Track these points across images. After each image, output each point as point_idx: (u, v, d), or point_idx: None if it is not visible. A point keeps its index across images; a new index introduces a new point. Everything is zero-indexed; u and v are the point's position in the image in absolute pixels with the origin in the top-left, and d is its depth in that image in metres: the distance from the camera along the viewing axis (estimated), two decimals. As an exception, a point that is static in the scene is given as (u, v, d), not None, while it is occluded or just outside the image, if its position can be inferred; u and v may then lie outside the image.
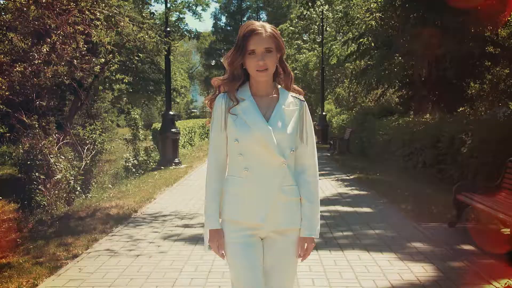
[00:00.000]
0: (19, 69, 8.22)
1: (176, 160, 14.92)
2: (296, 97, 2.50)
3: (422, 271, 4.88)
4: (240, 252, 2.42)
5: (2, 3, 9.21)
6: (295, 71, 28.43)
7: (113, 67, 9.71)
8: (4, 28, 8.38)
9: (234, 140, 2.42)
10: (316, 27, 29.39)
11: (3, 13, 9.04)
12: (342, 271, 4.89)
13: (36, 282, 4.60)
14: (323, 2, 23.91)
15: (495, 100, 17.63)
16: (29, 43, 8.46)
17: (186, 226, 7.06)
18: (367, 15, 16.60)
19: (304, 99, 2.53)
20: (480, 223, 6.80)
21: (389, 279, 4.63)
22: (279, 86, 2.50)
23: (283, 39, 2.52)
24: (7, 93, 8.07)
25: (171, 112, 15.16)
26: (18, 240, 6.39)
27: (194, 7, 18.82)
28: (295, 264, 2.52)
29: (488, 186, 6.53)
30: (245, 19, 55.71)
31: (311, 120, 2.54)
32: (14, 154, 13.90)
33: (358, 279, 4.65)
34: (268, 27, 2.42)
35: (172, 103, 17.73)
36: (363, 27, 17.36)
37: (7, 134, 15.06)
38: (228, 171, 2.51)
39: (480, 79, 16.52)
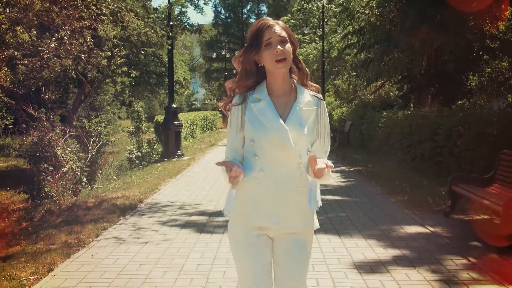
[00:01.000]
0: (24, 62, 8.45)
1: (179, 152, 15.19)
2: (314, 95, 2.44)
3: (415, 255, 5.14)
4: (247, 250, 2.41)
5: None
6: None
7: (120, 61, 9.92)
8: (12, 22, 8.58)
9: (250, 141, 2.37)
10: (316, 20, 29.53)
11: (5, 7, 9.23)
12: (341, 257, 5.15)
13: (51, 267, 4.86)
14: None
15: (493, 93, 17.88)
16: (34, 37, 8.68)
17: (190, 215, 7.31)
18: (366, 11, 16.79)
19: (322, 98, 2.47)
20: (474, 213, 7.05)
21: (385, 265, 4.89)
22: (297, 84, 2.44)
23: None
24: (10, 86, 8.31)
25: (173, 105, 15.41)
26: (29, 228, 6.66)
27: (196, 1, 19.03)
28: (306, 262, 2.48)
29: (482, 178, 6.77)
30: (245, 11, 55.78)
31: (328, 119, 2.48)
32: (18, 146, 14.17)
33: (355, 264, 4.91)
34: (281, 22, 2.39)
35: (175, 95, 17.94)
36: (362, 23, 17.54)
37: (10, 126, 15.31)
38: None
39: (479, 72, 16.74)
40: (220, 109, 2.62)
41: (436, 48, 14.35)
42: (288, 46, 2.33)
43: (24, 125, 10.32)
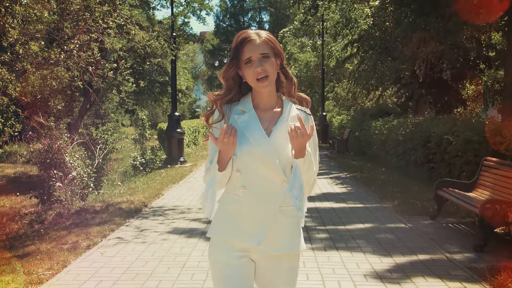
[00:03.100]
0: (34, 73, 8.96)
1: (182, 159, 15.67)
2: (301, 110, 2.32)
3: (400, 254, 5.57)
4: (227, 272, 2.25)
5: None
6: (298, 72, 28.98)
7: (126, 72, 10.39)
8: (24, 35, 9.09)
9: (232, 155, 2.21)
10: (317, 29, 29.96)
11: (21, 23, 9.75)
12: (330, 255, 5.59)
13: (65, 264, 5.33)
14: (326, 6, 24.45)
15: (489, 101, 18.34)
16: (42, 47, 9.18)
17: (192, 219, 7.75)
18: (360, 21, 17.32)
19: (310, 113, 2.35)
20: (460, 217, 7.48)
21: (369, 262, 5.33)
22: (284, 98, 2.32)
23: (287, 38, 2.55)
24: (18, 95, 8.80)
25: (176, 113, 15.90)
26: (42, 230, 7.12)
27: (198, 12, 19.57)
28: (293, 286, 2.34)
29: (466, 183, 7.21)
30: (246, 19, 56.24)
31: (316, 135, 2.35)
32: (26, 153, 14.66)
33: (343, 262, 5.34)
34: (263, 33, 2.25)
35: (178, 103, 18.46)
36: (358, 31, 18.06)
37: (16, 133, 15.85)
38: (224, 188, 2.33)
39: (475, 81, 17.18)
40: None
41: (431, 57, 14.77)
42: (271, 61, 2.22)
43: (31, 132, 10.81)
